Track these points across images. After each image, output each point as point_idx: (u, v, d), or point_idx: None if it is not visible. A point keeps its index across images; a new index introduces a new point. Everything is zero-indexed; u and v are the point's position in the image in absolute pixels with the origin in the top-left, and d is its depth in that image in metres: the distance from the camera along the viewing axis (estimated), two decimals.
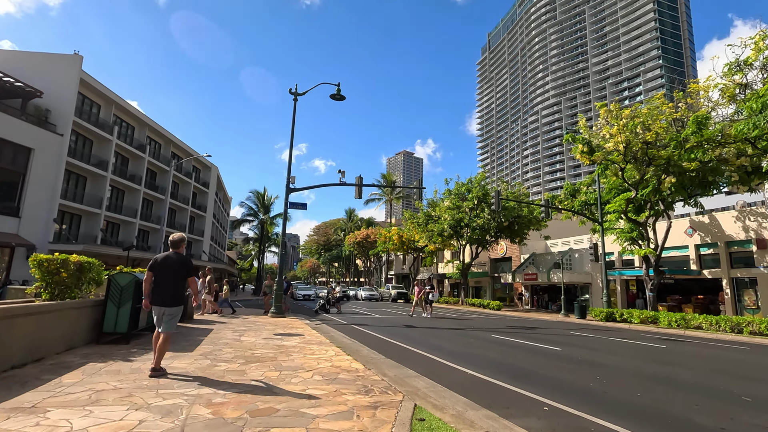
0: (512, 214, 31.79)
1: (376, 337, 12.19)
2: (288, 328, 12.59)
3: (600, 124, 20.43)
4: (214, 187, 51.08)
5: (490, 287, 45.97)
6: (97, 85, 30.25)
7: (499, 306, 31.63)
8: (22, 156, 24.76)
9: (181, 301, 5.76)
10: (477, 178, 34.65)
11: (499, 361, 8.47)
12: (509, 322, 19.10)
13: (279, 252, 17.92)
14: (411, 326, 15.59)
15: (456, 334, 13.46)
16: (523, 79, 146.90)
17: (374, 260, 74.62)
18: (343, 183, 18.62)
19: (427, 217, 37.76)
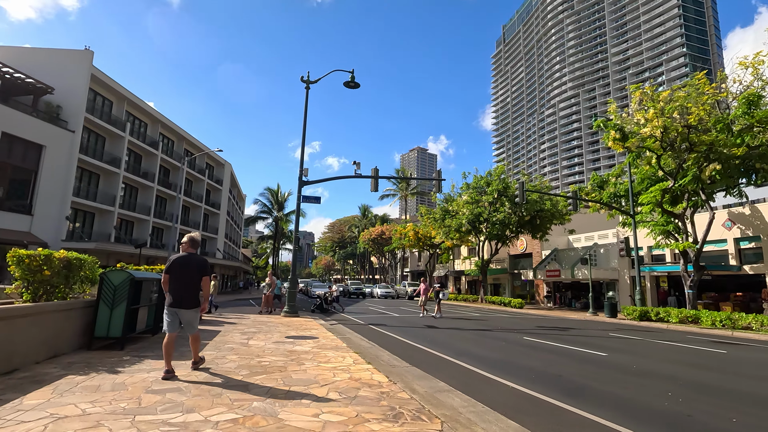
0: (534, 208, 30.38)
1: (396, 339, 11.19)
2: (301, 329, 11.68)
3: (633, 108, 18.97)
4: (227, 184, 50.71)
5: (509, 284, 44.59)
6: (109, 81, 29.87)
7: (521, 304, 30.33)
8: (33, 153, 24.45)
9: (197, 303, 5.54)
10: (497, 170, 33.29)
11: (542, 370, 7.37)
12: (536, 322, 17.89)
13: (293, 248, 17.03)
14: (432, 327, 14.54)
15: (483, 336, 12.36)
16: (540, 72, 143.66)
17: (389, 257, 73.69)
18: (358, 175, 17.64)
19: (444, 212, 36.54)
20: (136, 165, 34.26)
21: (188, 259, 5.50)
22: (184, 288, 5.39)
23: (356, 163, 17.65)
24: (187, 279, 5.41)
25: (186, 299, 5.41)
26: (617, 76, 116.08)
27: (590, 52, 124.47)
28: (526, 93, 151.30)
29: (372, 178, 17.97)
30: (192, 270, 5.45)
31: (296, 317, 15.55)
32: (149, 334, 9.10)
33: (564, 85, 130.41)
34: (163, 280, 5.42)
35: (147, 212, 34.63)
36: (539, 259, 38.93)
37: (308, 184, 17.06)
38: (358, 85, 17.77)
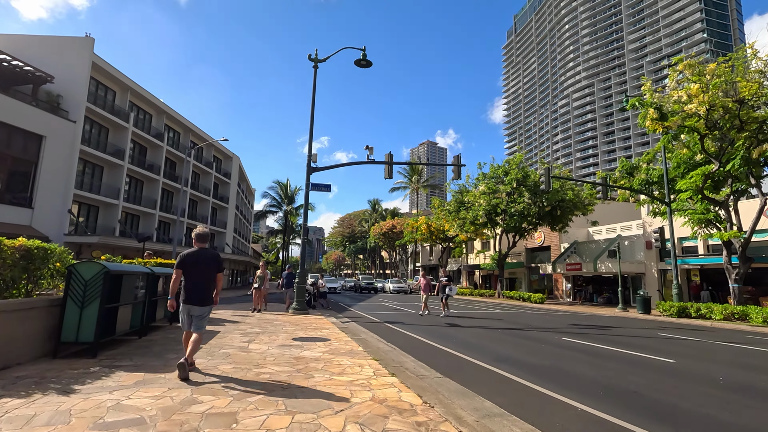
0: (556, 198, 28.72)
1: (417, 340, 9.86)
2: (311, 329, 10.41)
3: (670, 86, 17.26)
4: (236, 177, 49.75)
5: (525, 279, 42.99)
6: (111, 70, 28.86)
7: (541, 299, 28.80)
8: (33, 144, 23.53)
9: (211, 300, 5.31)
10: (515, 159, 31.63)
11: (607, 383, 5.97)
12: (566, 319, 16.41)
13: (301, 240, 15.79)
14: (455, 325, 13.19)
15: (515, 336, 10.96)
16: (552, 62, 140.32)
17: (400, 252, 72.37)
18: (371, 161, 16.28)
19: (459, 203, 35.01)
20: (141, 157, 33.34)
21: (199, 254, 5.26)
22: (195, 284, 5.16)
23: (368, 148, 16.29)
24: (199, 275, 5.18)
25: (198, 296, 5.16)
26: (634, 64, 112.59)
27: (605, 41, 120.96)
28: (539, 84, 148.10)
29: (386, 163, 16.59)
30: (203, 265, 5.22)
31: (305, 315, 14.31)
32: (135, 335, 7.90)
33: (578, 75, 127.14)
34: (174, 277, 5.17)
35: (153, 206, 33.73)
36: (558, 253, 37.30)
37: (317, 170, 15.76)
38: (371, 64, 16.41)
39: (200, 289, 5.17)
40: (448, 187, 35.57)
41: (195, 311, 5.18)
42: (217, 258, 5.43)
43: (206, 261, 5.24)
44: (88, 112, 27.07)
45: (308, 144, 15.66)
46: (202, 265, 5.20)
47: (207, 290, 5.23)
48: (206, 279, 5.22)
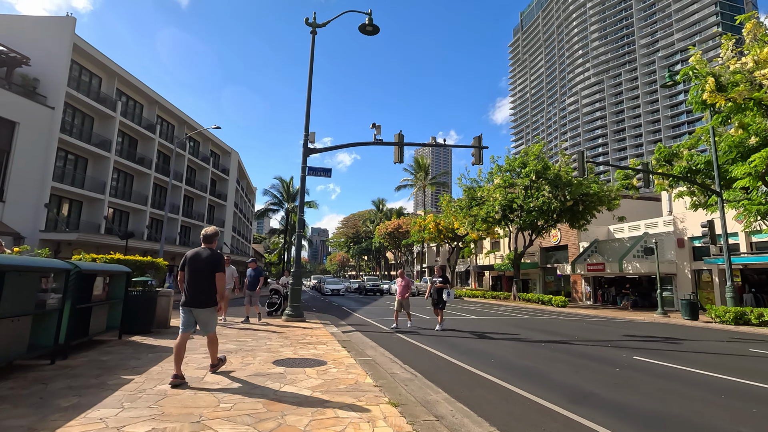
0: (579, 191, 26.20)
1: (443, 359, 7.44)
2: (303, 343, 8.02)
3: (724, 56, 14.76)
4: (234, 173, 47.53)
5: (540, 280, 40.46)
6: (96, 53, 26.67)
7: (564, 302, 26.29)
8: (5, 131, 21.35)
9: (213, 301, 5.04)
10: (533, 149, 29.14)
11: None
12: (609, 327, 13.92)
13: (296, 233, 13.45)
14: (483, 335, 10.76)
15: (568, 353, 8.51)
16: (560, 59, 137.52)
17: (405, 252, 69.97)
18: (378, 141, 13.90)
19: (471, 199, 32.53)
20: (131, 150, 31.14)
21: (200, 254, 5.10)
22: (195, 285, 4.97)
23: (375, 126, 13.91)
24: (199, 276, 4.99)
25: (198, 297, 4.96)
26: (645, 60, 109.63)
27: (615, 36, 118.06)
28: (546, 82, 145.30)
29: (396, 145, 14.19)
30: (197, 266, 5.02)
31: (300, 322, 11.92)
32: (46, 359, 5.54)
33: (587, 72, 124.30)
34: (178, 278, 5.11)
35: (144, 202, 31.53)
36: (576, 252, 34.78)
37: (315, 152, 13.39)
38: (377, 30, 14.11)
39: (196, 291, 4.97)
40: (460, 181, 33.16)
41: (197, 314, 5.00)
42: (213, 258, 5.11)
43: (201, 262, 5.05)
44: (69, 99, 24.90)
45: (305, 121, 13.31)
46: (196, 266, 5.03)
47: (204, 292, 4.99)
48: (202, 280, 5.00)
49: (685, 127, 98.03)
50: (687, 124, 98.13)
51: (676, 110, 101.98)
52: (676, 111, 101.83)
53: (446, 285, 11.79)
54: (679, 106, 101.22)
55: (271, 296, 14.25)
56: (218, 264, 5.11)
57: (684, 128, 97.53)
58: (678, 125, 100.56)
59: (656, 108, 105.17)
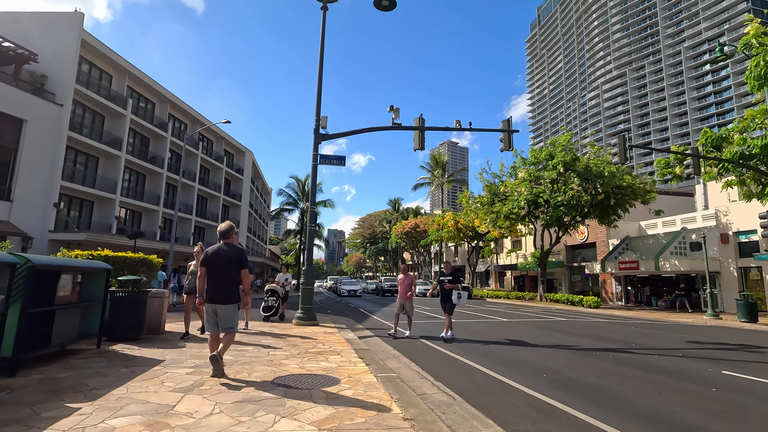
0: (611, 184, 24.34)
1: (484, 374, 6.05)
2: (313, 353, 6.73)
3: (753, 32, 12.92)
4: (249, 173, 46.87)
5: (566, 279, 38.47)
6: (105, 49, 26.10)
7: (596, 303, 24.52)
8: (12, 129, 20.80)
9: (236, 298, 5.03)
10: (561, 140, 27.37)
11: None
12: (665, 332, 12.27)
13: (306, 228, 12.24)
14: (521, 342, 9.30)
15: (635, 366, 7.00)
16: (580, 53, 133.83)
17: (423, 252, 68.42)
18: (396, 126, 12.58)
19: (493, 195, 30.86)
20: (142, 149, 30.57)
21: (221, 250, 5.03)
22: (218, 282, 4.94)
23: (393, 109, 12.58)
24: (217, 272, 4.95)
25: (220, 294, 4.92)
26: (670, 51, 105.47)
27: (637, 27, 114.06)
28: (565, 77, 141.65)
29: (416, 129, 12.83)
30: (221, 263, 4.96)
31: (312, 326, 10.67)
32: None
33: (608, 66, 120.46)
34: (199, 274, 5.04)
35: (156, 201, 30.92)
36: (605, 250, 32.79)
37: (328, 138, 12.14)
38: (394, 5, 12.75)
39: (219, 288, 4.93)
40: (481, 176, 31.53)
41: (219, 310, 4.91)
42: (237, 254, 5.06)
43: (225, 258, 4.98)
44: (79, 96, 24.34)
45: (316, 105, 12.07)
46: (220, 262, 4.96)
47: (227, 288, 4.95)
48: (226, 277, 4.96)
49: (714, 119, 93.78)
50: (716, 117, 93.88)
51: (704, 102, 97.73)
52: (704, 103, 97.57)
53: (457, 283, 9.69)
54: (707, 98, 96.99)
55: (266, 298, 11.69)
56: (242, 260, 5.06)
57: (713, 120, 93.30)
58: (706, 117, 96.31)
59: (683, 100, 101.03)
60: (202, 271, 4.99)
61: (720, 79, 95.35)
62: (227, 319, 4.97)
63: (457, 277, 9.76)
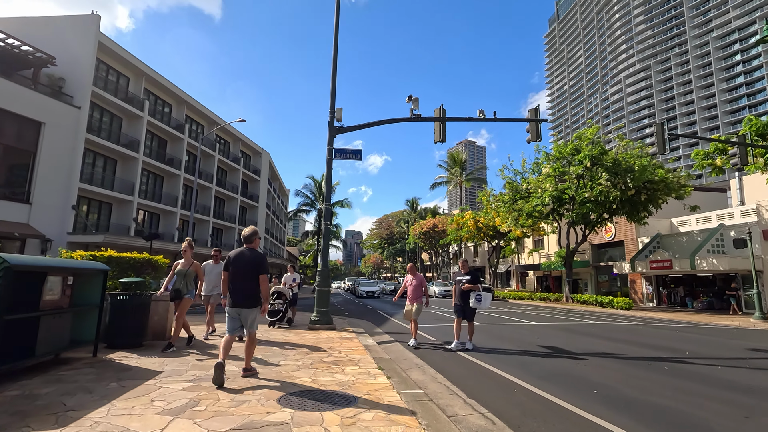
0: (643, 178, 23.00)
1: (520, 387, 5.24)
2: (327, 362, 6.04)
3: None
4: (266, 174, 46.76)
5: (592, 280, 36.94)
6: (122, 51, 26.14)
7: (628, 304, 23.23)
8: (31, 132, 20.87)
9: (257, 301, 5.08)
10: (587, 133, 26.13)
11: None
12: (718, 338, 11.15)
13: (322, 225, 11.61)
14: (559, 349, 8.42)
15: (693, 378, 6.07)
16: (601, 47, 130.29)
17: (441, 253, 67.34)
18: (416, 117, 11.83)
19: (515, 192, 29.72)
20: (160, 151, 30.61)
21: (243, 254, 5.13)
22: (240, 286, 5.01)
23: (412, 99, 11.83)
24: (237, 277, 5.03)
25: (241, 298, 4.99)
26: (697, 42, 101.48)
27: (662, 18, 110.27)
28: (586, 72, 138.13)
29: (437, 120, 12.04)
30: (240, 267, 5.04)
31: (328, 330, 10.00)
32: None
33: (631, 59, 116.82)
34: (222, 278, 5.14)
35: (174, 203, 30.90)
36: (634, 249, 31.28)
37: (343, 131, 11.49)
38: None
39: (241, 291, 5.00)
40: (502, 173, 30.38)
41: (242, 314, 5.00)
42: (256, 259, 5.14)
43: (244, 262, 5.05)
44: (97, 99, 24.39)
45: (330, 96, 11.42)
46: (238, 266, 5.04)
47: (249, 292, 5.01)
48: (246, 281, 5.02)
49: (745, 112, 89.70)
50: (748, 108, 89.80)
51: (735, 94, 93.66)
52: (735, 95, 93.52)
53: (476, 285, 8.32)
54: (738, 90, 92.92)
55: (272, 301, 10.52)
56: (261, 265, 5.11)
57: (744, 113, 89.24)
58: (738, 110, 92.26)
59: (711, 93, 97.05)
60: (224, 275, 5.09)
61: (752, 69, 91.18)
62: (250, 322, 5.03)
63: (476, 277, 8.47)
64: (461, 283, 8.43)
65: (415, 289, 8.90)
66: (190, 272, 7.08)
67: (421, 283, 8.96)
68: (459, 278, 8.58)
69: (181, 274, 6.99)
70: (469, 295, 8.27)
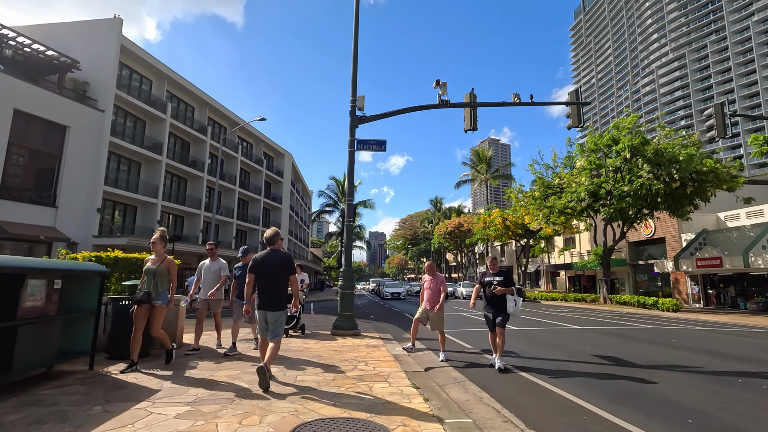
0: (690, 169, 21.22)
1: (592, 415, 4.21)
2: (351, 377, 5.15)
3: None
4: (289, 176, 46.57)
5: (630, 279, 34.92)
6: (144, 54, 26.19)
7: (676, 306, 21.50)
8: (56, 136, 20.98)
9: (284, 304, 5.04)
10: (626, 122, 24.45)
11: None
12: None
13: (344, 223, 10.78)
14: (619, 360, 7.28)
15: None
16: (631, 37, 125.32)
17: (467, 253, 65.75)
18: (445, 103, 10.85)
19: (546, 188, 28.21)
20: (183, 153, 30.63)
21: (269, 256, 5.05)
22: (268, 289, 4.97)
23: (440, 84, 10.85)
24: (265, 279, 4.98)
25: (268, 300, 4.93)
26: (736, 27, 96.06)
27: (696, 4, 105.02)
28: (615, 64, 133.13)
29: (467, 106, 11.03)
30: (268, 269, 4.97)
31: (352, 336, 9.14)
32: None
33: (663, 48, 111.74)
34: (247, 281, 5.04)
35: (197, 205, 30.86)
36: (676, 246, 29.25)
37: (365, 121, 10.63)
38: None
39: (267, 294, 4.94)
40: (532, 168, 28.84)
41: (269, 316, 4.91)
42: (285, 260, 5.05)
43: (272, 264, 4.98)
44: (120, 102, 24.46)
45: (351, 83, 10.59)
46: (266, 268, 4.97)
47: (276, 294, 4.96)
48: (273, 283, 4.97)
49: None
50: None
51: None
52: None
53: (511, 288, 6.64)
54: None
55: None
56: (289, 266, 5.05)
57: None
58: None
59: (753, 80, 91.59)
60: (250, 277, 5.00)
61: None
62: (276, 327, 4.93)
63: (510, 278, 6.75)
64: (491, 285, 6.65)
65: (434, 293, 7.57)
66: (161, 270, 5.66)
67: (440, 286, 7.60)
68: (488, 279, 6.82)
69: (150, 273, 5.60)
70: (503, 300, 6.58)
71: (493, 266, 6.96)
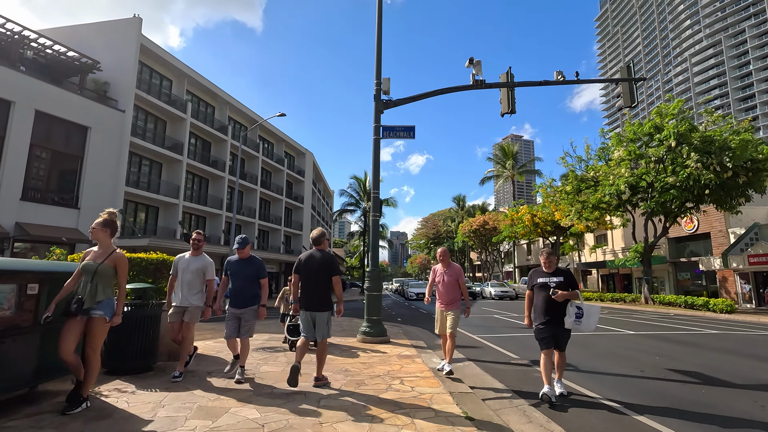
0: (744, 157, 19.37)
1: None
2: (386, 403, 4.16)
3: None
4: (310, 175, 46.07)
5: (671, 278, 32.83)
6: (164, 54, 25.97)
7: (730, 307, 19.68)
8: (78, 137, 20.84)
9: (329, 304, 5.00)
10: (670, 108, 22.68)
11: None
12: None
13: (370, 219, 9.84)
14: (714, 380, 6.07)
15: None
16: (661, 25, 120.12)
17: (492, 252, 63.90)
18: (479, 83, 9.77)
19: (579, 181, 26.58)
20: (204, 153, 30.38)
21: (313, 256, 5.01)
22: (313, 289, 4.93)
23: (473, 63, 9.76)
24: (307, 279, 4.96)
25: (313, 301, 4.90)
26: None
27: None
28: (644, 53, 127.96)
29: (503, 86, 9.89)
30: (309, 270, 4.94)
31: (382, 344, 8.17)
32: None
33: (697, 34, 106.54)
34: (292, 281, 5.15)
35: (219, 206, 30.57)
36: (723, 242, 27.18)
37: (391, 106, 9.65)
38: None
39: (314, 295, 4.90)
40: (564, 161, 27.20)
41: (315, 317, 4.89)
42: (326, 261, 4.97)
43: (313, 265, 4.95)
44: (140, 102, 24.27)
45: (376, 65, 9.63)
46: (310, 269, 4.95)
47: (318, 296, 4.90)
48: (315, 284, 4.93)
49: None
50: None
51: None
52: None
53: (575, 292, 4.89)
54: None
55: (290, 313, 7.53)
56: (333, 266, 4.99)
57: None
58: None
59: None
60: (294, 278, 5.03)
61: None
62: (322, 327, 4.89)
63: (572, 279, 4.99)
64: (549, 288, 4.90)
65: (449, 287, 5.95)
66: (104, 269, 3.91)
67: (458, 278, 6.01)
68: (542, 280, 5.03)
69: (88, 273, 3.87)
70: (564, 307, 4.84)
71: (548, 264, 5.09)
